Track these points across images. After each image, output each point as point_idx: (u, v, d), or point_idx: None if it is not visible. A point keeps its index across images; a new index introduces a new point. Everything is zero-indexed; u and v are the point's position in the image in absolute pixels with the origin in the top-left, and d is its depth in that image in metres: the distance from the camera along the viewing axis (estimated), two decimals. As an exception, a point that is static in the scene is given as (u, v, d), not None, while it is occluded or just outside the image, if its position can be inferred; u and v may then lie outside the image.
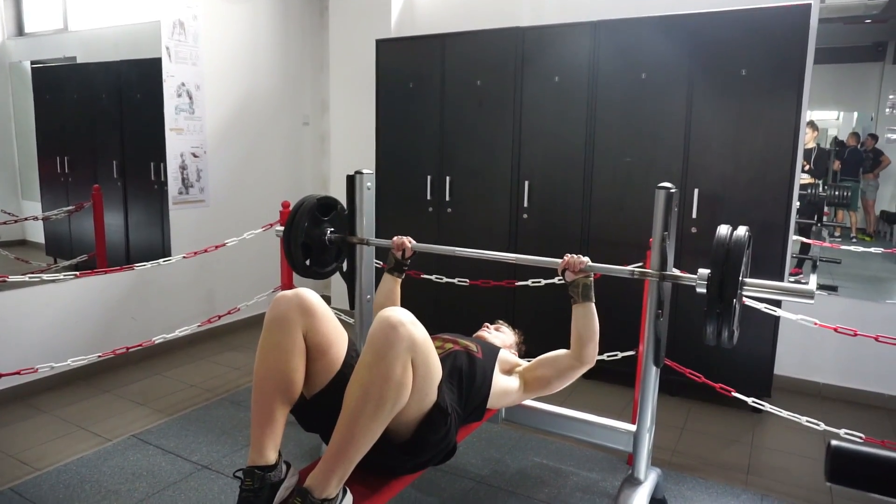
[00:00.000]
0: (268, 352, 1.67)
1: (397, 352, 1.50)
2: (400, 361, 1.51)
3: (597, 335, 2.05)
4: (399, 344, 1.50)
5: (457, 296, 3.80)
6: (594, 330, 2.04)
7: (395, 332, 1.51)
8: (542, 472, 2.67)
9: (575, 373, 2.08)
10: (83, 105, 4.09)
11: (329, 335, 1.73)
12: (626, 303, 3.02)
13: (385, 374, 1.50)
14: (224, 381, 3.60)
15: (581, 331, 2.04)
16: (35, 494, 2.40)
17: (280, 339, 1.66)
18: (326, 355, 1.72)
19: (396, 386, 1.51)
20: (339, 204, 2.59)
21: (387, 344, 1.50)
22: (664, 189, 2.00)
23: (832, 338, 3.21)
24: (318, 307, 1.71)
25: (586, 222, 3.55)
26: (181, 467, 2.62)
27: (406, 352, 1.52)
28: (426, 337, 1.60)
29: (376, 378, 1.50)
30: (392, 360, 1.50)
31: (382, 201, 3.90)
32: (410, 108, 4.07)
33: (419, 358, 1.56)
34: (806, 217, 3.84)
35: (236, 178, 4.48)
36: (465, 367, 1.97)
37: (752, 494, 2.53)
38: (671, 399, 3.42)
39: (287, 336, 1.66)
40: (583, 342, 2.04)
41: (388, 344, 1.50)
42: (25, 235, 3.97)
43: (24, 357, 3.15)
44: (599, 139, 3.47)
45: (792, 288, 1.88)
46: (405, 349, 1.52)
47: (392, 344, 1.50)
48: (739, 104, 3.15)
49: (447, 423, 1.70)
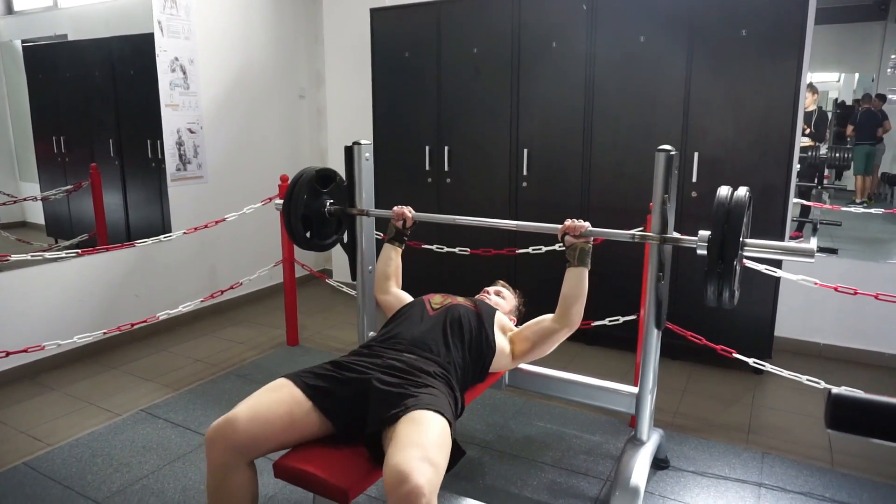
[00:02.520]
0: (214, 495, 1.62)
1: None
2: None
3: (583, 299, 2.04)
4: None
5: (458, 265, 3.81)
6: (582, 293, 2.04)
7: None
8: (546, 437, 2.71)
9: (559, 335, 2.07)
10: (76, 83, 4.06)
11: (286, 432, 1.63)
12: (627, 268, 3.03)
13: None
14: (229, 355, 3.63)
15: (568, 292, 2.04)
16: (48, 469, 2.44)
17: (220, 483, 1.60)
18: (298, 430, 1.66)
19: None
20: (338, 175, 2.58)
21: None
22: (664, 151, 1.99)
23: (832, 298, 3.23)
24: (249, 433, 1.57)
25: (586, 189, 3.54)
26: (190, 439, 2.66)
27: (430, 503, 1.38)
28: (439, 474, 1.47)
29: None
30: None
31: (381, 173, 3.87)
32: (407, 77, 4.03)
33: (441, 476, 1.46)
34: (806, 180, 3.83)
35: (234, 153, 4.46)
36: (463, 317, 2.04)
37: (753, 453, 2.57)
38: (672, 363, 3.45)
39: (227, 481, 1.60)
40: (568, 304, 2.04)
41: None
42: (25, 217, 3.97)
43: (30, 335, 3.18)
44: (598, 105, 3.45)
45: (792, 247, 1.88)
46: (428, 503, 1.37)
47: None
48: (739, 66, 3.11)
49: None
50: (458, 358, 1.93)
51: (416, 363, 1.81)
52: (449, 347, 1.94)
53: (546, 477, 2.40)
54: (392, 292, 2.39)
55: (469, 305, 2.14)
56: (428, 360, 1.85)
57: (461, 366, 1.93)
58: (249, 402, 1.64)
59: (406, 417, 1.54)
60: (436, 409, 1.59)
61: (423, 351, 1.89)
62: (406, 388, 1.68)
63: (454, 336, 1.98)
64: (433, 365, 1.84)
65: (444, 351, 1.92)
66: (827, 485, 2.35)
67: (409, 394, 1.65)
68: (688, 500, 2.25)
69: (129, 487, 2.32)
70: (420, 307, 2.12)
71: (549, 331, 2.08)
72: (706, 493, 2.30)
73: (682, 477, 2.41)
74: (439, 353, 1.90)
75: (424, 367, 1.80)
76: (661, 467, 2.46)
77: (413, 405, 1.58)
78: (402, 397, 1.63)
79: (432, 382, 1.74)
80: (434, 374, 1.79)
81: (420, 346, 1.90)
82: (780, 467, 2.46)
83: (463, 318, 2.04)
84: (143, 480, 2.36)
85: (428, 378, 1.75)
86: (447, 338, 1.96)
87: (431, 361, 1.85)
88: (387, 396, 1.65)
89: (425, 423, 1.52)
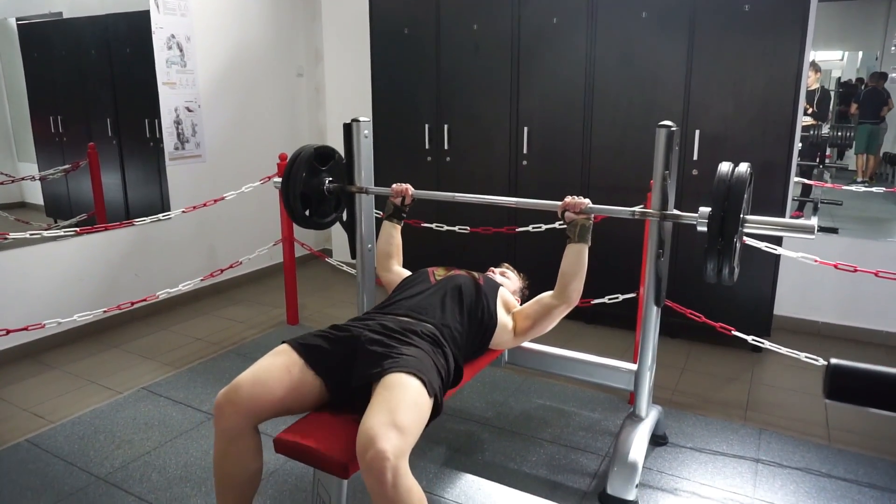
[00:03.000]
0: (221, 461, 1.67)
1: (391, 477, 1.37)
2: (400, 483, 1.38)
3: (582, 276, 2.05)
4: (387, 473, 1.37)
5: (458, 244, 3.80)
6: (582, 270, 2.04)
7: (380, 464, 1.37)
8: (545, 413, 2.73)
9: (558, 311, 2.08)
10: (73, 62, 4.01)
11: (287, 394, 1.66)
12: (627, 247, 3.02)
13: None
14: (229, 334, 3.64)
15: (567, 268, 2.05)
16: (51, 445, 2.46)
17: (227, 448, 1.65)
18: (297, 390, 1.69)
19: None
20: (336, 153, 2.56)
21: (380, 484, 1.37)
22: (665, 127, 1.98)
23: (832, 276, 3.24)
24: (253, 397, 1.62)
25: (586, 167, 3.52)
26: (192, 416, 2.68)
27: (396, 467, 1.38)
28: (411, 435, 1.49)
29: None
30: (394, 488, 1.38)
31: (380, 152, 3.85)
32: (406, 54, 3.99)
33: (410, 440, 1.46)
34: (808, 159, 3.81)
35: (232, 131, 4.43)
36: (463, 286, 2.06)
37: (751, 429, 2.59)
38: (672, 341, 3.46)
39: (234, 445, 1.64)
40: (567, 280, 2.05)
41: (380, 483, 1.37)
42: (24, 197, 3.95)
43: (30, 314, 3.18)
44: (599, 82, 3.42)
45: (793, 223, 1.87)
46: (392, 468, 1.37)
47: (383, 481, 1.37)
48: (742, 42, 3.08)
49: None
50: (455, 322, 1.95)
51: (408, 325, 1.83)
52: (445, 311, 1.95)
53: (545, 453, 2.42)
54: (394, 270, 2.40)
55: (471, 276, 2.15)
56: (421, 321, 1.87)
57: (458, 330, 1.94)
58: (252, 368, 1.71)
59: (381, 381, 1.57)
60: (411, 370, 1.59)
61: (417, 314, 1.91)
62: (388, 346, 1.70)
63: (453, 301, 2.00)
64: (425, 325, 1.85)
65: (438, 314, 1.93)
66: (824, 460, 2.37)
67: (389, 355, 1.66)
68: (685, 476, 2.28)
69: (131, 463, 2.34)
70: (424, 277, 2.14)
71: (548, 307, 2.09)
72: (704, 468, 2.32)
73: (680, 453, 2.43)
74: (434, 315, 1.92)
75: (413, 328, 1.81)
76: (660, 443, 2.48)
77: (389, 367, 1.60)
78: (382, 358, 1.65)
79: (416, 341, 1.75)
80: (422, 334, 1.80)
81: (416, 310, 1.93)
82: (777, 443, 2.48)
83: (464, 286, 2.06)
84: (146, 457, 2.38)
85: (413, 337, 1.77)
86: (444, 303, 1.98)
87: (424, 323, 1.87)
88: (370, 355, 1.68)
89: (397, 387, 1.54)
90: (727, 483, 2.23)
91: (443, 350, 1.81)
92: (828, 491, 2.19)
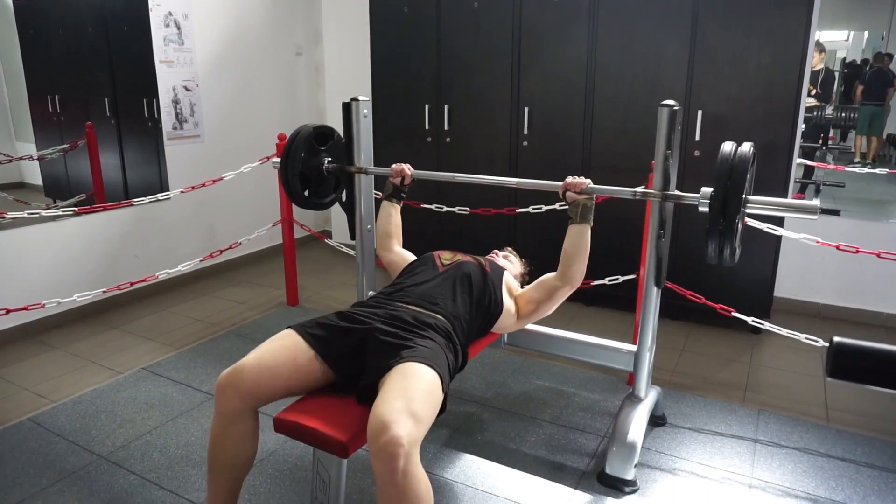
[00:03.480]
0: (218, 441, 1.67)
1: (402, 464, 1.35)
2: (411, 471, 1.37)
3: (585, 256, 2.03)
4: (400, 460, 1.35)
5: (458, 225, 3.79)
6: (584, 250, 2.03)
7: (393, 452, 1.35)
8: (544, 394, 2.73)
9: (561, 293, 2.07)
10: (70, 40, 3.97)
11: (291, 380, 1.67)
12: (627, 228, 3.01)
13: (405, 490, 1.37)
14: (229, 314, 3.64)
15: (570, 249, 2.03)
16: (53, 424, 2.47)
17: (226, 428, 1.65)
18: (302, 377, 1.69)
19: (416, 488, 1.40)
20: (335, 133, 2.55)
21: (390, 471, 1.36)
22: (667, 107, 1.96)
23: (833, 258, 3.23)
24: (256, 380, 1.62)
25: (587, 148, 3.50)
26: (192, 396, 2.69)
27: (409, 454, 1.37)
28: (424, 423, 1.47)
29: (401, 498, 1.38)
30: (403, 477, 1.36)
31: (380, 133, 3.82)
32: (406, 33, 3.94)
33: (423, 430, 1.46)
34: (811, 140, 3.78)
35: (230, 111, 4.40)
36: (473, 274, 2.04)
37: (749, 410, 2.60)
38: (672, 323, 3.46)
39: (232, 427, 1.64)
40: (570, 261, 2.03)
41: (391, 470, 1.35)
42: (23, 178, 3.93)
43: (30, 294, 3.17)
44: (601, 61, 3.38)
45: (795, 204, 1.86)
46: (406, 454, 1.36)
47: (394, 467, 1.35)
48: (747, 21, 3.04)
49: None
50: (465, 313, 1.93)
51: (420, 316, 1.81)
52: (456, 302, 1.94)
53: (544, 433, 2.43)
54: (395, 250, 2.38)
55: (478, 262, 2.13)
56: (432, 313, 1.86)
57: (467, 320, 1.93)
58: (256, 352, 1.70)
59: (397, 368, 1.55)
60: (428, 362, 1.59)
61: (429, 304, 1.89)
62: (404, 338, 1.69)
63: (463, 291, 1.98)
64: (436, 317, 1.84)
65: (450, 305, 1.92)
66: (822, 440, 2.38)
67: (405, 345, 1.65)
68: (684, 456, 2.29)
69: (132, 443, 2.35)
70: (430, 262, 2.12)
71: (551, 288, 2.08)
72: (702, 448, 2.33)
73: (679, 433, 2.43)
74: (445, 306, 1.90)
75: (426, 320, 1.80)
76: (659, 424, 2.49)
77: (406, 356, 1.59)
78: (398, 348, 1.64)
79: (431, 335, 1.74)
80: (434, 327, 1.79)
81: (426, 300, 1.90)
82: (775, 424, 2.49)
83: (473, 274, 2.04)
84: (147, 436, 2.39)
85: (428, 330, 1.76)
86: (455, 292, 1.96)
87: (436, 314, 1.85)
88: (384, 347, 1.66)
89: (415, 375, 1.53)
90: (725, 463, 2.25)
91: (454, 346, 1.80)
92: (825, 470, 2.20)
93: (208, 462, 1.70)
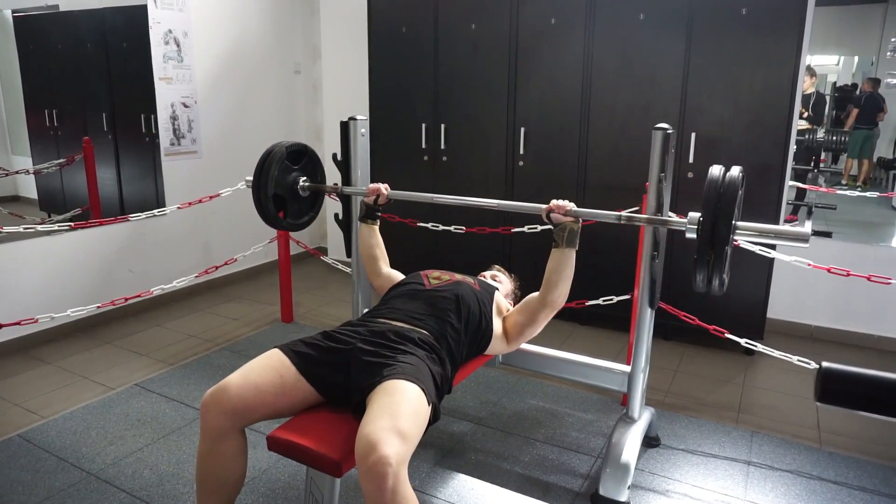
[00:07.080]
0: (204, 461, 1.67)
1: (391, 484, 1.35)
2: (400, 490, 1.37)
3: (568, 281, 2.01)
4: (388, 480, 1.35)
5: (453, 244, 3.80)
6: (567, 276, 2.00)
7: (380, 475, 1.35)
8: (538, 414, 2.73)
9: (543, 315, 2.05)
10: (68, 55, 3.99)
11: (276, 398, 1.66)
12: (622, 248, 3.03)
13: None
14: (223, 331, 3.63)
15: (551, 274, 2.00)
16: (43, 440, 2.45)
17: (212, 447, 1.65)
18: (289, 397, 1.69)
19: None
20: (309, 150, 2.51)
21: (379, 488, 1.36)
22: (661, 130, 1.98)
23: (825, 280, 3.25)
24: (240, 398, 1.62)
25: (583, 168, 3.53)
26: (185, 413, 2.68)
27: (397, 474, 1.37)
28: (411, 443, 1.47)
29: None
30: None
31: (377, 151, 3.85)
32: (404, 53, 3.99)
33: (410, 448, 1.45)
34: (803, 163, 3.83)
35: (228, 128, 4.42)
36: (466, 294, 2.02)
37: (743, 431, 2.60)
38: (665, 343, 3.47)
39: (218, 445, 1.64)
40: (551, 285, 2.00)
41: (380, 490, 1.35)
42: (18, 191, 3.93)
43: (23, 309, 3.17)
44: (596, 83, 3.42)
45: (786, 231, 1.84)
46: (394, 474, 1.36)
47: (383, 487, 1.35)
48: (739, 45, 3.09)
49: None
50: (452, 332, 1.91)
51: (401, 330, 1.80)
52: (443, 321, 1.91)
53: (538, 453, 2.42)
54: (384, 274, 2.32)
55: (470, 283, 2.12)
56: (414, 327, 1.85)
57: (455, 339, 1.91)
58: (242, 370, 1.69)
59: (380, 387, 1.55)
60: (410, 377, 1.58)
61: (414, 321, 1.88)
62: (384, 356, 1.69)
63: (452, 311, 1.95)
64: (419, 331, 1.83)
65: (434, 322, 1.90)
66: (815, 463, 2.38)
67: (387, 363, 1.65)
68: (677, 477, 2.28)
69: (123, 460, 2.33)
70: (417, 281, 2.11)
71: (534, 311, 2.06)
72: (696, 470, 2.33)
73: (673, 455, 2.43)
74: (430, 324, 1.89)
75: (407, 334, 1.79)
76: (652, 445, 2.49)
77: (388, 374, 1.59)
78: (380, 367, 1.64)
79: (412, 349, 1.73)
80: (416, 341, 1.77)
81: (412, 317, 1.90)
82: (768, 446, 2.49)
83: (461, 294, 2.01)
84: (138, 453, 2.37)
85: (409, 345, 1.75)
86: (443, 311, 1.94)
87: (419, 328, 1.85)
88: (366, 366, 1.66)
89: (398, 392, 1.53)
90: (719, 485, 2.24)
91: (438, 355, 1.80)
92: (818, 493, 2.20)
93: (197, 482, 1.69)
